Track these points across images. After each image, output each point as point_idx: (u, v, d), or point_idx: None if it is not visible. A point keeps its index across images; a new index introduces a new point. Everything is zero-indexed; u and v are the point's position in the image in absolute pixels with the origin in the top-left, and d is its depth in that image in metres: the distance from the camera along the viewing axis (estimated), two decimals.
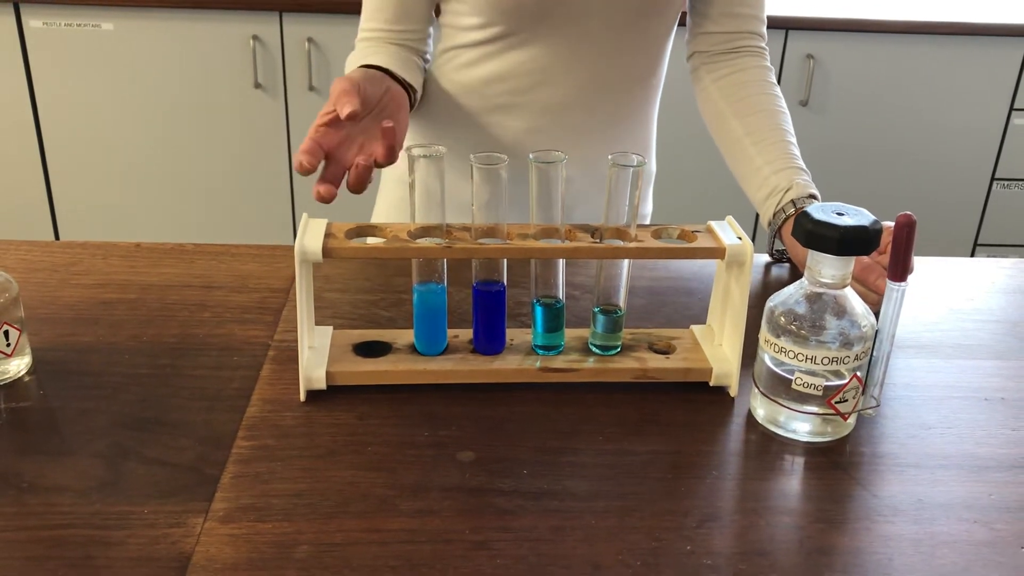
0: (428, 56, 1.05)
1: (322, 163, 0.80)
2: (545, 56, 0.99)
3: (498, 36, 0.98)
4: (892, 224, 0.65)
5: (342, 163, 0.82)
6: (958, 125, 2.36)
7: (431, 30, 1.05)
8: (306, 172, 0.77)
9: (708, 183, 2.34)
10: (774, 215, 0.96)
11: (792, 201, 0.94)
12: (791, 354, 0.67)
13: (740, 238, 0.73)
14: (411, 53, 1.01)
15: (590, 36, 0.98)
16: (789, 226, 0.93)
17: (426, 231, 0.71)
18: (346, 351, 0.75)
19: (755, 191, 0.99)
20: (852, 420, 0.70)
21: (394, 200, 1.13)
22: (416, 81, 0.98)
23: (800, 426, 0.69)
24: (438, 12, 1.04)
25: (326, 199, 0.78)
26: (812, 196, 0.95)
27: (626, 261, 0.74)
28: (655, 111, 1.11)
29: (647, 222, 1.16)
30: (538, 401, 0.73)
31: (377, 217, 1.16)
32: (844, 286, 0.67)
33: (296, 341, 0.78)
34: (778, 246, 1.00)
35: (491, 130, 1.04)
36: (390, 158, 0.81)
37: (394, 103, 0.90)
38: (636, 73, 1.04)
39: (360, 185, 0.79)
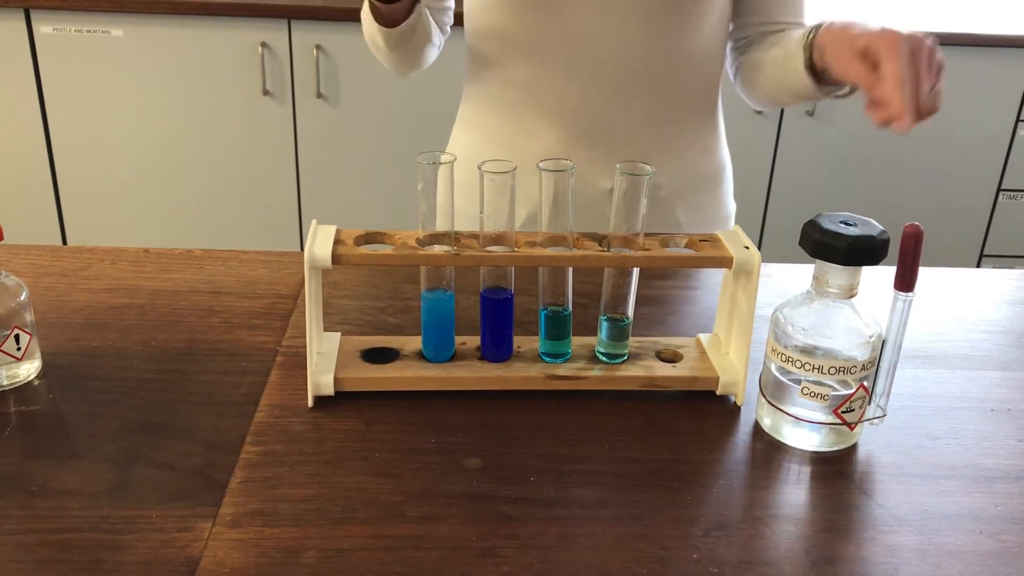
0: (446, 24, 1.08)
1: None
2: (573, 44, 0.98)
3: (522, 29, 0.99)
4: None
5: None
6: (964, 135, 2.35)
7: (449, 18, 1.08)
8: None
9: None
10: (803, 50, 0.93)
11: (808, 29, 0.93)
12: (798, 363, 0.67)
13: (747, 247, 0.73)
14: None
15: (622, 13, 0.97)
16: (819, 40, 0.91)
17: (434, 238, 0.72)
18: (354, 357, 0.75)
19: (789, 67, 0.97)
20: (858, 430, 0.70)
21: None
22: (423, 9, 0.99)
23: (806, 435, 0.69)
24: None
25: None
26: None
27: (634, 270, 0.75)
28: (716, 95, 1.09)
29: (731, 223, 1.14)
30: (545, 409, 0.73)
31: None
32: (851, 295, 0.67)
33: (304, 347, 0.78)
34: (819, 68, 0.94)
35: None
36: None
37: None
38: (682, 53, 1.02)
39: None
